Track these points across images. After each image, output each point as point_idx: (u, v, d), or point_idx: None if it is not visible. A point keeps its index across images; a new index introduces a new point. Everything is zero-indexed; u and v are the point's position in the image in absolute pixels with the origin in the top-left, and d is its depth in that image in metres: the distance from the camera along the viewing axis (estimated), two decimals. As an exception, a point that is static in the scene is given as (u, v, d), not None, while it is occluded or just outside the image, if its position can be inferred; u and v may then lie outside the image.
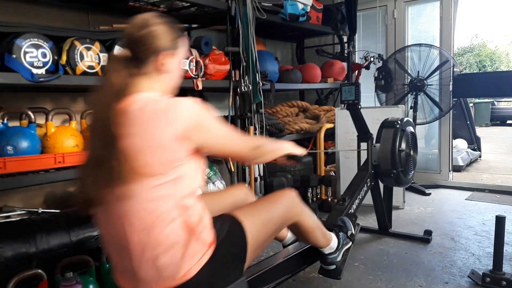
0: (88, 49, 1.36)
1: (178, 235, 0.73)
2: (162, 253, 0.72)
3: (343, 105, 1.86)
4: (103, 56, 1.41)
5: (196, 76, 1.77)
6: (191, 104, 0.75)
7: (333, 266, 1.32)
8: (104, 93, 0.75)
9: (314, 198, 2.41)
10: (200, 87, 1.78)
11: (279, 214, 0.94)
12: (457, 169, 3.48)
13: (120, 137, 0.71)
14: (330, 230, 1.31)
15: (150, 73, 0.79)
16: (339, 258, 1.32)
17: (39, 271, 1.22)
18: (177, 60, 0.83)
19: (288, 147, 1.03)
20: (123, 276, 0.79)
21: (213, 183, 2.07)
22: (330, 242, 1.26)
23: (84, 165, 0.77)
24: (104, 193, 0.74)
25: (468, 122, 4.31)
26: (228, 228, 0.82)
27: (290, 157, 1.08)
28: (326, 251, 1.29)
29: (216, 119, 0.80)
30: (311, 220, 1.09)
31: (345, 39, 2.91)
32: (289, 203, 0.99)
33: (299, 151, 1.06)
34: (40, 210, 1.53)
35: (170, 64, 0.81)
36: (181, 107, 0.74)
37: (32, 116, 1.34)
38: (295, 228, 1.10)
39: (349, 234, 1.37)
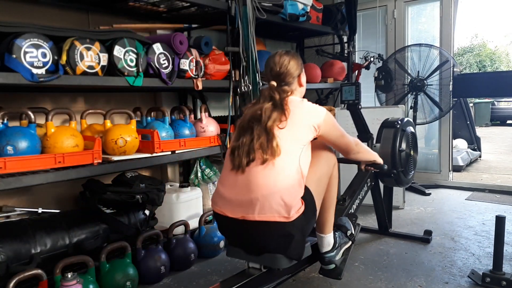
0: (88, 49, 1.36)
1: (298, 188, 1.08)
2: (287, 195, 1.05)
3: (343, 105, 1.86)
4: (103, 56, 1.41)
5: (196, 76, 1.77)
6: (323, 109, 1.20)
7: (333, 266, 1.32)
8: (263, 103, 1.14)
9: (314, 198, 2.41)
10: (200, 87, 1.77)
11: (327, 170, 1.25)
12: (457, 169, 3.48)
13: (276, 128, 1.08)
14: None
15: (295, 89, 1.22)
16: (337, 257, 1.32)
17: (39, 271, 1.22)
18: (305, 76, 1.26)
19: (376, 156, 1.45)
20: (241, 207, 1.07)
21: (213, 183, 2.07)
22: (330, 232, 1.31)
23: (236, 146, 1.11)
24: (251, 162, 1.07)
25: (468, 122, 4.32)
26: (306, 196, 1.13)
27: (374, 165, 1.46)
28: (323, 249, 1.29)
29: (336, 121, 1.24)
30: (336, 188, 1.33)
31: (345, 39, 2.90)
32: (334, 165, 1.29)
33: (381, 162, 1.46)
34: (40, 210, 1.53)
35: (303, 80, 1.24)
36: (319, 109, 1.17)
37: (32, 116, 1.34)
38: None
39: (348, 234, 1.38)
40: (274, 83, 1.18)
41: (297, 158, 1.09)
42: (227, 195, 1.10)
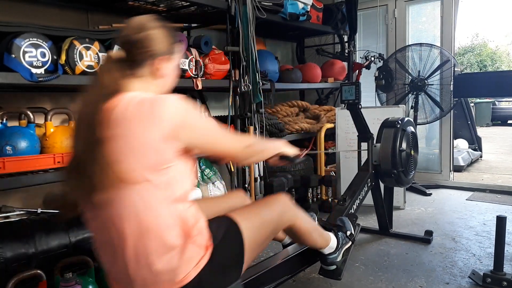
0: (88, 48, 1.36)
1: (174, 239, 0.72)
2: (158, 258, 0.71)
3: (343, 105, 1.86)
4: (102, 56, 1.40)
5: (196, 76, 1.77)
6: (176, 101, 0.73)
7: (334, 267, 1.31)
8: (93, 93, 0.74)
9: (315, 199, 2.40)
10: (200, 87, 1.77)
11: (274, 217, 0.93)
12: (458, 169, 3.47)
13: (103, 139, 0.69)
14: (329, 230, 1.30)
15: (145, 76, 0.79)
16: (339, 258, 1.31)
17: (38, 271, 1.22)
18: (172, 65, 0.83)
19: (280, 146, 0.99)
20: (118, 282, 0.77)
21: (213, 183, 2.06)
22: (329, 242, 1.25)
23: (68, 167, 0.75)
24: (90, 197, 0.72)
25: (469, 122, 4.30)
26: (224, 229, 0.81)
27: (283, 157, 1.02)
28: (326, 251, 1.28)
29: (204, 116, 0.80)
30: (306, 223, 1.07)
31: (345, 38, 2.90)
32: (282, 207, 0.98)
33: (292, 151, 1.02)
34: (39, 210, 1.52)
35: (165, 69, 0.80)
36: (166, 104, 0.71)
37: (31, 116, 1.34)
38: (291, 232, 1.08)
39: (348, 234, 1.37)
40: (116, 54, 0.79)
41: (155, 187, 0.72)
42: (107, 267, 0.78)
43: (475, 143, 4.32)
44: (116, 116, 0.70)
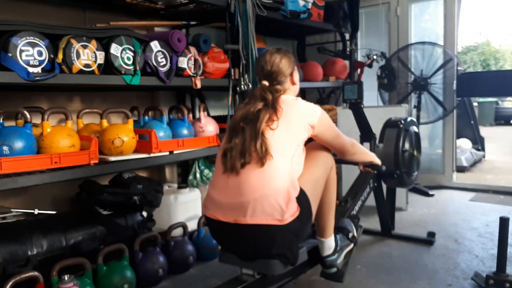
0: (85, 47, 1.34)
1: (289, 190, 1.04)
2: (279, 196, 1.01)
3: (345, 104, 1.83)
4: (100, 54, 1.38)
5: (195, 75, 1.74)
6: (319, 108, 1.18)
7: (334, 269, 1.30)
8: (253, 103, 1.11)
9: (316, 199, 2.38)
10: (199, 86, 1.75)
11: (324, 172, 1.21)
12: (460, 169, 3.45)
13: (268, 129, 1.06)
14: None
15: (287, 87, 1.19)
16: (339, 261, 1.30)
17: (36, 273, 1.21)
18: (298, 75, 1.23)
19: (374, 157, 1.42)
20: (233, 210, 1.04)
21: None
22: (331, 235, 1.28)
23: (228, 148, 1.08)
24: (246, 164, 1.04)
25: (472, 122, 4.27)
26: (301, 199, 1.08)
27: (372, 166, 1.42)
28: (324, 253, 1.26)
29: (332, 122, 1.21)
30: (334, 194, 1.28)
31: (347, 36, 2.87)
32: (329, 164, 1.24)
33: (380, 162, 1.42)
34: (36, 212, 1.51)
35: (295, 79, 1.22)
36: (315, 107, 1.16)
37: (28, 116, 1.32)
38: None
39: (350, 236, 1.35)
40: (266, 82, 1.15)
41: (290, 159, 1.06)
42: (218, 198, 1.07)
43: (478, 143, 4.29)
44: (284, 109, 1.10)
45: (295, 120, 1.09)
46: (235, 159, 1.04)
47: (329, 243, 1.27)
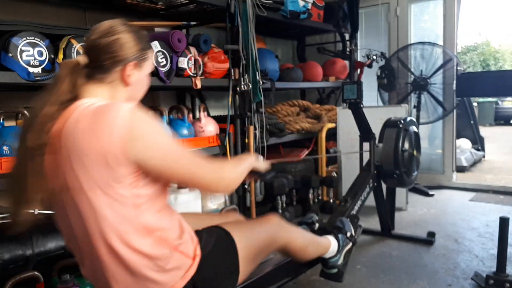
0: (85, 47, 1.34)
1: (156, 251, 0.68)
2: (142, 267, 0.67)
3: (345, 104, 1.83)
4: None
5: (195, 75, 1.75)
6: (127, 109, 0.65)
7: (335, 270, 1.30)
8: (49, 99, 0.69)
9: (316, 200, 2.38)
10: (199, 86, 1.75)
11: (267, 235, 0.90)
12: (460, 169, 3.44)
13: (46, 150, 0.66)
14: (329, 232, 1.29)
15: (113, 82, 0.73)
16: (340, 261, 1.30)
17: (36, 273, 1.20)
18: (143, 73, 0.77)
19: (251, 162, 0.88)
20: (94, 277, 0.73)
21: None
22: (329, 248, 1.23)
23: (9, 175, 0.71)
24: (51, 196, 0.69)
25: (471, 122, 4.27)
26: (215, 238, 0.77)
27: (254, 172, 0.92)
28: (327, 255, 1.26)
29: (165, 133, 0.68)
30: (300, 240, 1.02)
31: (347, 37, 2.87)
32: (274, 227, 0.94)
33: (263, 165, 0.93)
34: (36, 211, 1.51)
35: (135, 76, 0.75)
36: (113, 113, 0.64)
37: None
38: (286, 252, 1.03)
39: (348, 235, 1.35)
40: (81, 59, 0.73)
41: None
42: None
43: (478, 143, 4.29)
44: (67, 127, 0.66)
45: (88, 143, 0.63)
46: None
47: (332, 249, 1.26)
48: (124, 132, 0.63)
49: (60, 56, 1.29)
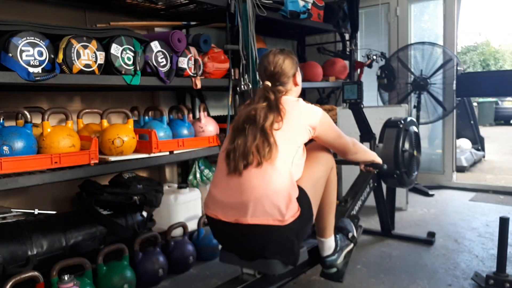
0: (85, 47, 1.34)
1: (290, 190, 1.04)
2: (280, 197, 1.02)
3: (345, 104, 1.83)
4: (100, 55, 1.38)
5: (195, 75, 1.75)
6: (320, 109, 1.18)
7: (334, 269, 1.30)
8: (256, 104, 1.11)
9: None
10: (199, 86, 1.75)
11: (324, 173, 1.20)
12: (460, 169, 3.45)
13: (271, 129, 1.06)
14: None
15: (290, 88, 1.20)
16: (339, 261, 1.30)
17: (36, 273, 1.21)
18: (300, 76, 1.23)
19: (375, 156, 1.42)
20: (234, 210, 1.04)
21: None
22: (331, 236, 1.27)
23: (231, 148, 1.07)
24: (248, 165, 1.04)
25: (471, 122, 4.27)
26: (302, 199, 1.08)
27: (373, 165, 1.42)
28: (324, 253, 1.27)
29: (333, 123, 1.20)
30: (335, 194, 1.28)
31: (347, 37, 2.87)
32: (329, 164, 1.24)
33: (381, 161, 1.43)
34: (36, 212, 1.51)
35: (298, 80, 1.22)
36: (316, 109, 1.15)
37: (28, 116, 1.32)
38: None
39: (350, 236, 1.35)
40: (268, 83, 1.15)
41: (291, 160, 1.06)
42: (220, 198, 1.07)
43: (478, 143, 4.29)
44: (287, 109, 1.10)
45: (296, 122, 1.09)
46: (238, 160, 1.04)
47: (329, 243, 1.28)
48: (318, 118, 1.15)
49: (60, 56, 1.29)
